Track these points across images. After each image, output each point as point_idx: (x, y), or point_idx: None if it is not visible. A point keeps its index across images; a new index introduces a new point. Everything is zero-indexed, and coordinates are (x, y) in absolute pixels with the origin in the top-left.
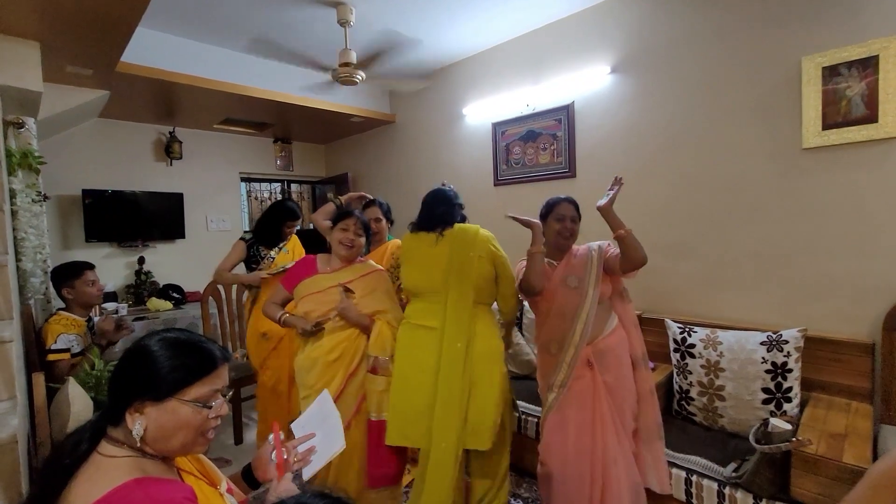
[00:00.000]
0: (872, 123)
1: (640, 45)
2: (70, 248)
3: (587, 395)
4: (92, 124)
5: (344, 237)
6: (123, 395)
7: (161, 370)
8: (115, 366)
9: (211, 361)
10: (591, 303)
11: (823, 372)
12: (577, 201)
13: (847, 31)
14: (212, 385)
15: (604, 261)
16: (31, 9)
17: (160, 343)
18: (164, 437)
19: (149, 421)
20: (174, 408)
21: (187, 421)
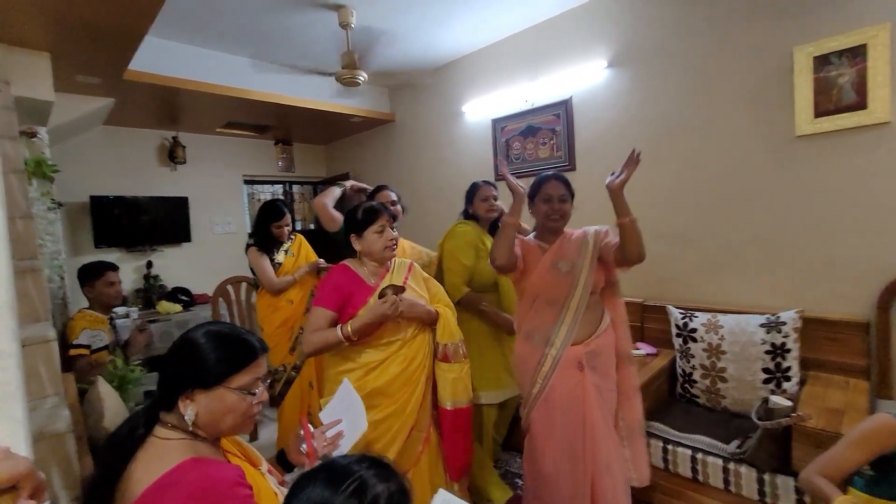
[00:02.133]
0: (862, 110)
1: (636, 40)
2: (80, 255)
3: (577, 399)
4: (97, 132)
5: (384, 241)
6: (175, 383)
7: (208, 361)
8: (165, 357)
9: (252, 352)
10: (583, 291)
11: (821, 351)
12: (567, 178)
13: (836, 21)
14: (254, 374)
15: (599, 248)
16: (43, 21)
17: (205, 336)
18: (214, 421)
19: (199, 407)
20: (222, 395)
21: (234, 406)
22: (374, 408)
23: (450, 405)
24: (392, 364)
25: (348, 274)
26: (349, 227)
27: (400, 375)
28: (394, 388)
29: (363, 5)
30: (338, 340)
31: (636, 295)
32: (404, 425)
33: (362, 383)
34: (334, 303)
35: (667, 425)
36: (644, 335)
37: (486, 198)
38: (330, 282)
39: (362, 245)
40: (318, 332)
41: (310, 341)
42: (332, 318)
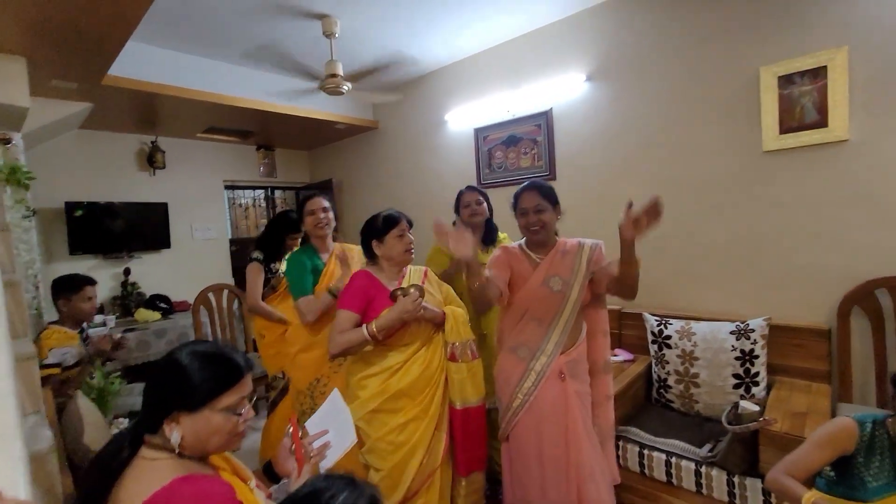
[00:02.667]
0: (824, 128)
1: (613, 55)
2: (54, 262)
3: (559, 408)
4: (73, 135)
5: (404, 244)
6: (159, 406)
7: (193, 382)
8: (149, 378)
9: (237, 371)
10: (573, 310)
11: (786, 356)
12: (546, 185)
13: (799, 43)
14: (239, 393)
15: (592, 269)
16: (19, 26)
17: (190, 356)
18: (200, 443)
19: (185, 430)
20: (207, 416)
21: (220, 427)
22: (398, 411)
23: (459, 404)
24: (413, 365)
25: (370, 279)
26: (370, 233)
27: (421, 377)
28: (416, 389)
29: (347, 15)
30: (363, 339)
31: (614, 302)
32: (428, 427)
33: (386, 386)
34: (358, 305)
35: (643, 430)
36: (621, 342)
37: (468, 204)
38: (353, 286)
39: (383, 249)
40: (343, 332)
41: (336, 342)
42: (356, 320)
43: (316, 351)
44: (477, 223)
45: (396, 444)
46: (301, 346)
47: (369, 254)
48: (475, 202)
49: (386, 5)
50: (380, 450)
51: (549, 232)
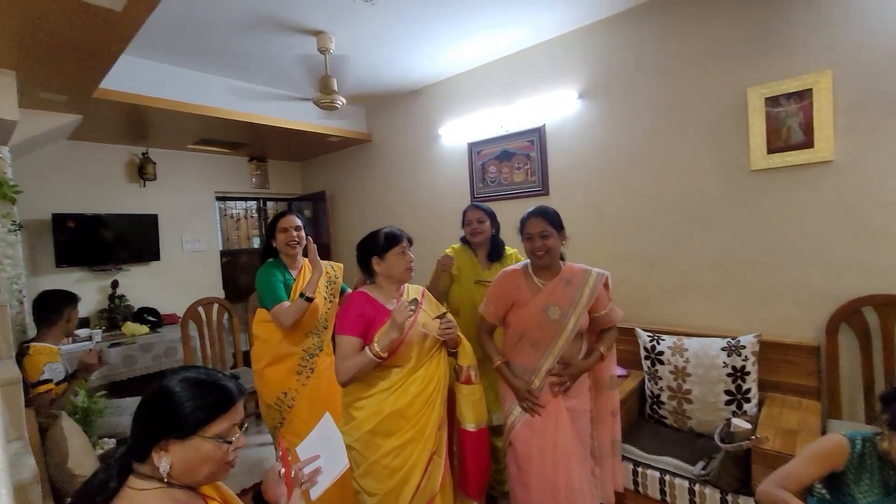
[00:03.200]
0: (809, 149)
1: (605, 74)
2: (39, 275)
3: (550, 423)
4: (62, 146)
5: (405, 262)
6: (148, 434)
7: (183, 410)
8: (139, 406)
9: (228, 398)
10: (568, 338)
11: (777, 373)
12: (551, 211)
13: (785, 66)
14: (230, 420)
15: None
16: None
17: (180, 383)
18: (190, 472)
19: (174, 458)
20: (197, 445)
21: (210, 455)
22: (393, 433)
23: (473, 427)
24: (412, 385)
25: (366, 299)
26: (370, 250)
27: (418, 397)
28: (412, 410)
29: (342, 31)
30: (369, 361)
31: None
32: (424, 450)
33: (381, 406)
34: (359, 329)
35: (636, 447)
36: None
37: (470, 222)
38: (352, 309)
39: (383, 267)
40: (348, 358)
41: (344, 369)
42: (359, 344)
43: (283, 364)
44: (478, 242)
45: (392, 468)
46: (267, 360)
47: (367, 271)
48: (477, 220)
49: (381, 22)
50: (375, 473)
51: (553, 256)
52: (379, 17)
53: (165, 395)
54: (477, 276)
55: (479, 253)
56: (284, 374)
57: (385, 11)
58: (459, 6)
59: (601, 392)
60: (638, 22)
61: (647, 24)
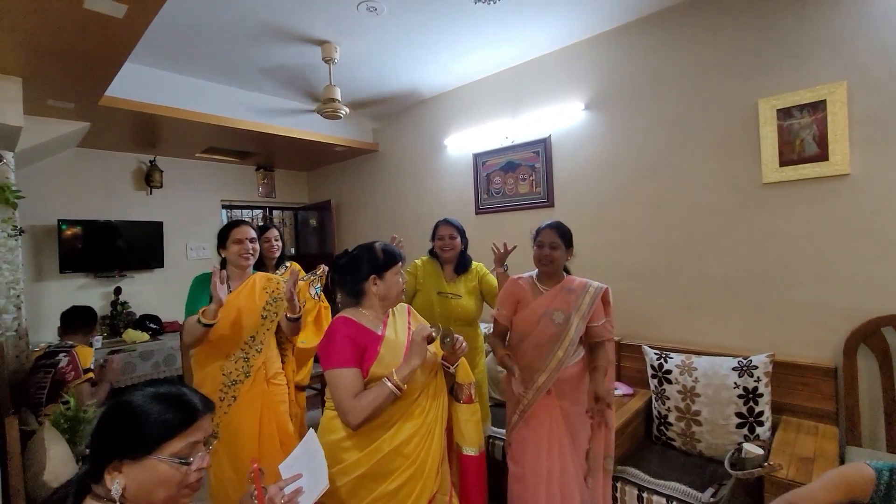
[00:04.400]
0: (824, 161)
1: (612, 85)
2: (43, 280)
3: (543, 419)
4: (70, 154)
5: (403, 282)
6: (102, 453)
7: (137, 428)
8: (98, 422)
9: (189, 414)
10: (572, 340)
11: (791, 395)
12: (566, 228)
13: (797, 77)
14: (190, 438)
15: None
16: (16, 47)
17: (141, 398)
18: (145, 495)
19: (128, 480)
20: (152, 466)
21: (167, 478)
22: (391, 473)
23: (475, 451)
24: (411, 417)
25: (354, 326)
26: (368, 269)
27: (417, 431)
28: (411, 446)
29: (347, 43)
30: (389, 395)
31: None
32: (425, 489)
33: (379, 445)
34: (356, 359)
35: (642, 470)
36: (620, 374)
37: (442, 237)
38: (338, 338)
39: (382, 288)
40: (360, 395)
41: (358, 409)
42: (359, 375)
43: (205, 388)
44: (448, 257)
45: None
46: (196, 380)
47: (354, 292)
48: (449, 236)
49: (386, 33)
50: None
51: (557, 267)
52: (384, 27)
53: (121, 410)
54: (440, 287)
55: (445, 267)
56: (213, 379)
57: (390, 22)
58: (464, 17)
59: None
60: (645, 32)
61: (655, 34)
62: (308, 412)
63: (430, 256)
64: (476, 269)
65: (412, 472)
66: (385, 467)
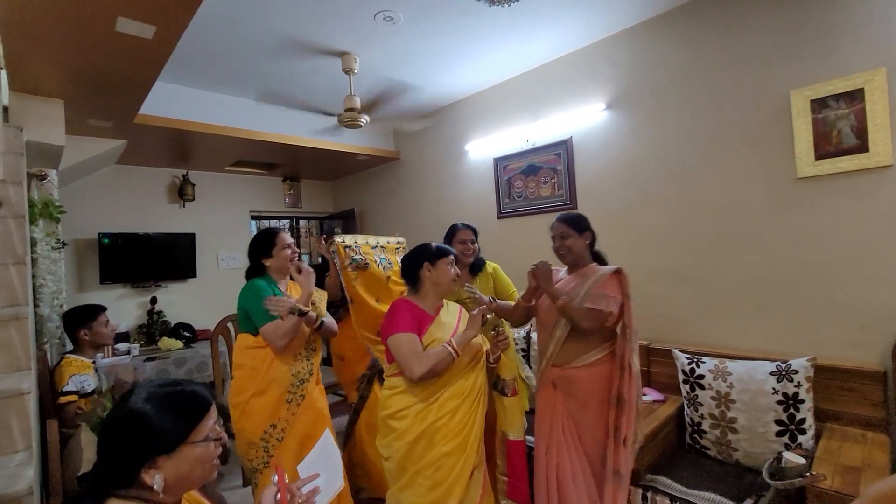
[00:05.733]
0: (864, 153)
1: (633, 83)
2: (85, 291)
3: (546, 412)
4: (109, 170)
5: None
6: (131, 460)
7: (163, 427)
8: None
9: (203, 403)
10: (564, 327)
11: (836, 401)
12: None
13: (831, 66)
14: (210, 418)
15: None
16: (57, 71)
17: (148, 402)
18: (183, 479)
19: (167, 472)
20: (186, 453)
21: (203, 458)
22: (437, 443)
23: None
24: (452, 397)
25: (412, 306)
26: (422, 257)
27: (460, 407)
28: (454, 420)
29: (366, 53)
30: (448, 355)
31: (640, 336)
32: (467, 462)
33: (425, 415)
34: (415, 327)
35: (673, 479)
36: (650, 380)
37: (464, 241)
38: (402, 311)
39: (434, 274)
40: (423, 354)
41: (422, 362)
42: (418, 339)
43: (271, 393)
44: (467, 262)
45: (435, 480)
46: (253, 390)
47: (413, 281)
48: (470, 241)
49: (404, 43)
50: (417, 485)
51: (575, 255)
52: (402, 36)
53: (135, 417)
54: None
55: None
56: (273, 404)
57: (407, 30)
58: (480, 21)
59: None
60: (667, 28)
61: (677, 29)
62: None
63: None
64: (489, 269)
65: (456, 444)
66: (432, 437)
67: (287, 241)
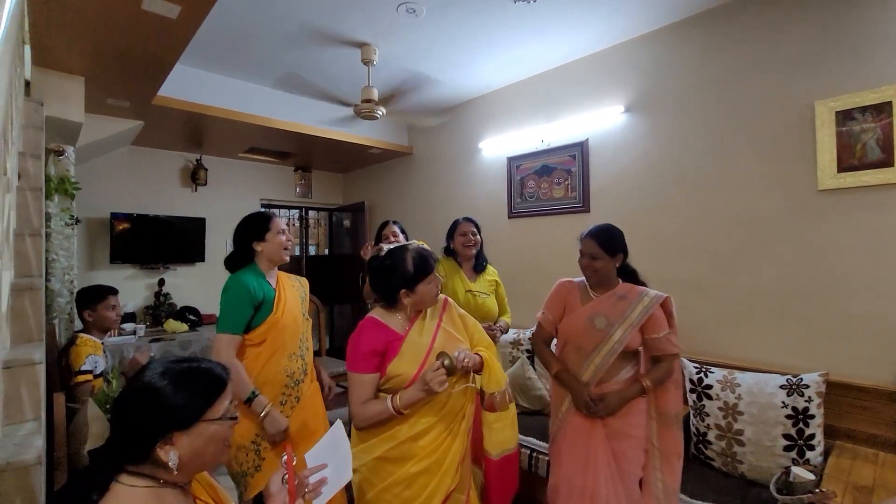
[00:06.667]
0: (889, 167)
1: (653, 87)
2: (95, 269)
3: (581, 434)
4: (124, 151)
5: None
6: (147, 434)
7: (180, 402)
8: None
9: (220, 381)
10: (612, 350)
11: (847, 419)
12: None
13: (859, 77)
14: (226, 399)
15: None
16: (80, 47)
17: (164, 377)
18: (198, 456)
19: (181, 448)
20: (202, 430)
21: (219, 436)
22: (407, 460)
23: (496, 455)
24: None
25: (378, 329)
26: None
27: (434, 427)
28: (429, 438)
29: (386, 44)
30: (390, 416)
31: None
32: (442, 484)
33: (395, 433)
34: (373, 365)
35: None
36: None
37: (465, 233)
38: (362, 345)
39: (413, 299)
40: (367, 404)
41: (363, 417)
42: (375, 380)
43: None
44: (469, 255)
45: (403, 498)
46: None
47: (388, 299)
48: (471, 233)
49: (425, 34)
50: (385, 502)
51: (601, 277)
52: (423, 28)
53: (151, 391)
54: (466, 286)
55: (464, 265)
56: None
57: (429, 23)
58: (503, 17)
59: (666, 427)
60: (691, 33)
61: (701, 34)
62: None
63: (445, 256)
64: (491, 271)
65: (428, 465)
66: (402, 453)
67: (282, 226)
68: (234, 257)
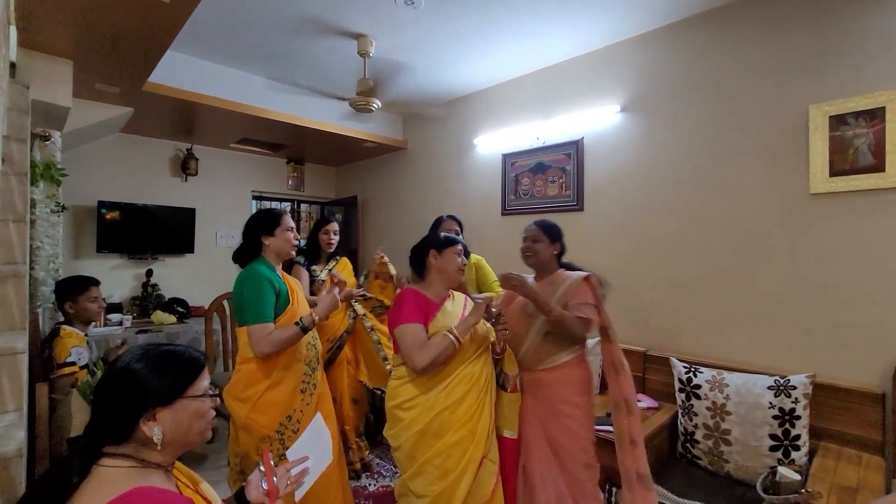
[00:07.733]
0: (880, 172)
1: (650, 87)
2: (81, 258)
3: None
4: (113, 138)
5: (460, 262)
6: (128, 411)
7: (162, 379)
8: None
9: (198, 362)
10: (538, 332)
11: (833, 420)
12: (549, 222)
13: (854, 83)
14: (204, 379)
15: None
16: (69, 29)
17: (144, 358)
18: (182, 433)
19: (164, 424)
20: (185, 405)
21: (198, 411)
22: (445, 431)
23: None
24: (461, 383)
25: (418, 295)
26: (430, 245)
27: (468, 395)
28: (463, 408)
29: (383, 36)
30: (450, 344)
31: (638, 343)
32: (476, 450)
33: (432, 403)
34: (420, 317)
35: (664, 487)
36: (645, 386)
37: (448, 231)
38: (410, 302)
39: (440, 261)
40: (426, 344)
41: (426, 352)
42: (424, 329)
43: (286, 384)
44: None
45: (444, 468)
46: (269, 382)
47: (420, 269)
48: (455, 231)
49: (422, 29)
50: (427, 473)
51: (540, 261)
52: (421, 21)
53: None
54: None
55: None
56: (289, 395)
57: (427, 16)
58: (502, 10)
59: (616, 413)
60: (689, 34)
61: (699, 36)
62: None
63: None
64: (472, 260)
65: (464, 433)
66: (441, 425)
67: (291, 223)
68: (242, 250)
